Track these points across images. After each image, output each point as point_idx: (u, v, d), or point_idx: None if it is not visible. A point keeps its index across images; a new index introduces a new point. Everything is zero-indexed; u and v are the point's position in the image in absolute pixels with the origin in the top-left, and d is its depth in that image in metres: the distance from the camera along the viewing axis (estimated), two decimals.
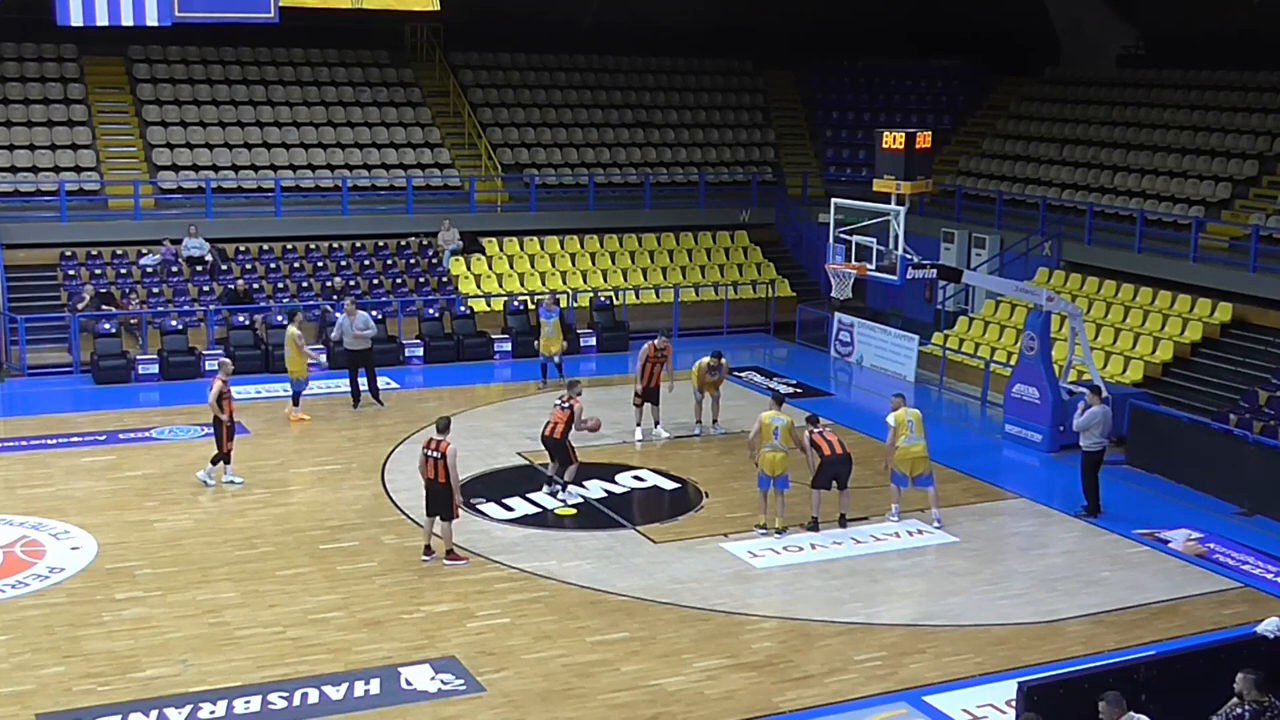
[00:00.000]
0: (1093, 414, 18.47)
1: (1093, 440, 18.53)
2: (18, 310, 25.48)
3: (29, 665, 13.28)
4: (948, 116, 35.18)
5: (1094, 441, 18.53)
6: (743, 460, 20.34)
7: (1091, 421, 18.45)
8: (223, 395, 18.64)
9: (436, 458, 15.74)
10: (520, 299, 28.53)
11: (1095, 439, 18.52)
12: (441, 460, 15.69)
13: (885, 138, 21.40)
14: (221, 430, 18.78)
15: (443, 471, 15.71)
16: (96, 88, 30.76)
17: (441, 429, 15.93)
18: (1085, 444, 18.64)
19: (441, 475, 15.74)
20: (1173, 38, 32.73)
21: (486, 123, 32.98)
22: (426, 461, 15.87)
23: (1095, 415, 18.46)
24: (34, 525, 17.09)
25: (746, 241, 32.71)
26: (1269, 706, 10.29)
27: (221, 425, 18.74)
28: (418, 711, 12.63)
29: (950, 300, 29.72)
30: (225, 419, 18.71)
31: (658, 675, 13.41)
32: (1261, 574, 16.58)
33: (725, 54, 36.96)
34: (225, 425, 18.75)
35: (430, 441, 15.92)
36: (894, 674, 13.62)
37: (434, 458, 15.77)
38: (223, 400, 18.63)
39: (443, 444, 15.75)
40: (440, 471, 15.73)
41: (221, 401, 18.62)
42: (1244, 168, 27.44)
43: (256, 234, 28.92)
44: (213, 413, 18.74)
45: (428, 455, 15.85)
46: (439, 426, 15.99)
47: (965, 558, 16.95)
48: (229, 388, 18.85)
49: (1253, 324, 24.13)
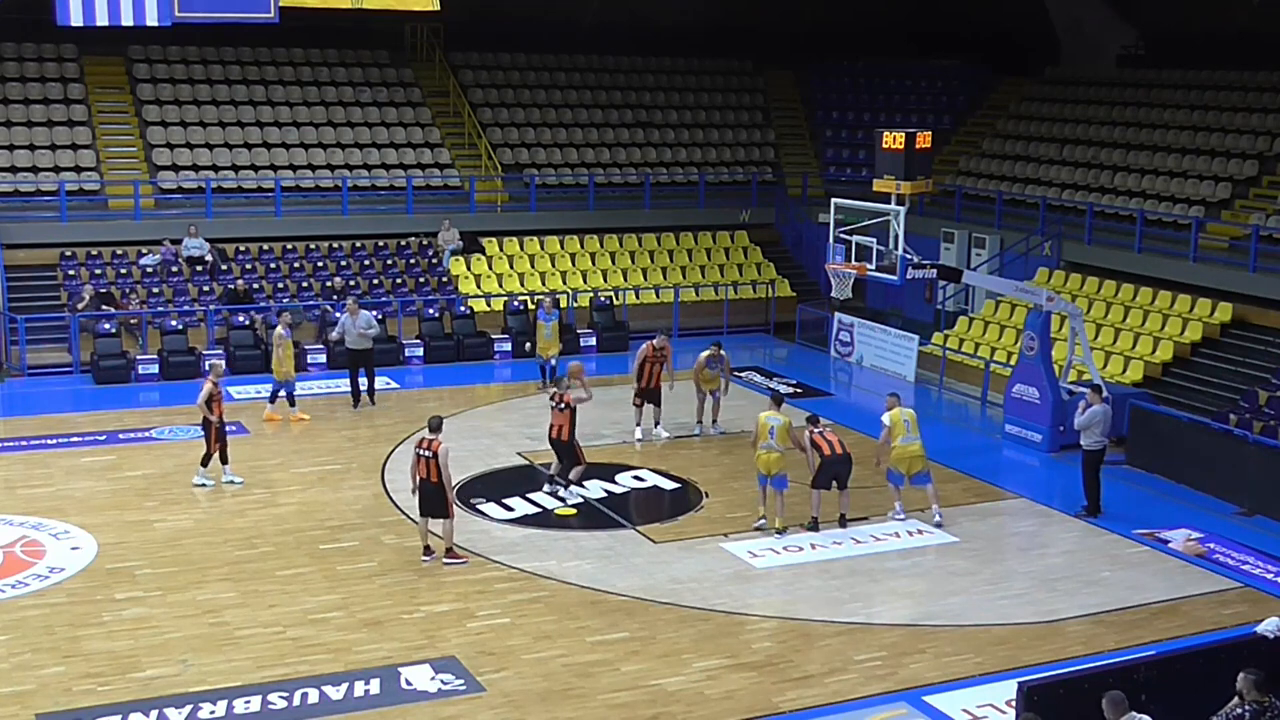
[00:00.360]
0: (1094, 413, 18.48)
1: (1094, 439, 18.54)
2: (18, 310, 25.48)
3: (29, 665, 13.28)
4: (948, 116, 35.17)
5: (1095, 440, 18.54)
6: (743, 460, 20.34)
7: (1092, 420, 18.46)
8: (213, 397, 18.58)
9: (429, 457, 15.74)
10: (520, 299, 28.54)
11: (1096, 438, 18.53)
12: (434, 459, 15.70)
13: (885, 138, 21.39)
14: (211, 432, 18.73)
15: (435, 471, 15.71)
16: (96, 88, 30.76)
17: (434, 428, 15.98)
18: (1086, 443, 18.64)
19: (434, 474, 15.74)
20: (1173, 38, 32.73)
21: (486, 123, 32.98)
22: (419, 461, 15.87)
23: (1096, 414, 18.47)
24: (34, 525, 17.10)
25: (746, 241, 32.71)
26: (1269, 707, 10.28)
27: (211, 427, 18.69)
28: (418, 711, 12.63)
29: (950, 300, 29.72)
30: (215, 421, 18.67)
31: (658, 675, 13.41)
32: (1261, 574, 16.58)
33: (725, 54, 36.96)
34: (215, 427, 18.70)
35: (422, 441, 15.93)
36: (894, 674, 13.62)
37: (426, 457, 15.76)
38: (212, 402, 18.57)
39: (435, 443, 15.76)
40: (433, 471, 15.73)
41: (211, 403, 18.56)
42: (1244, 168, 27.44)
43: (256, 234, 28.92)
44: (202, 414, 18.70)
45: (420, 455, 15.86)
46: (431, 426, 16.04)
47: (965, 558, 16.95)
48: (220, 390, 18.82)
49: (1253, 324, 24.13)
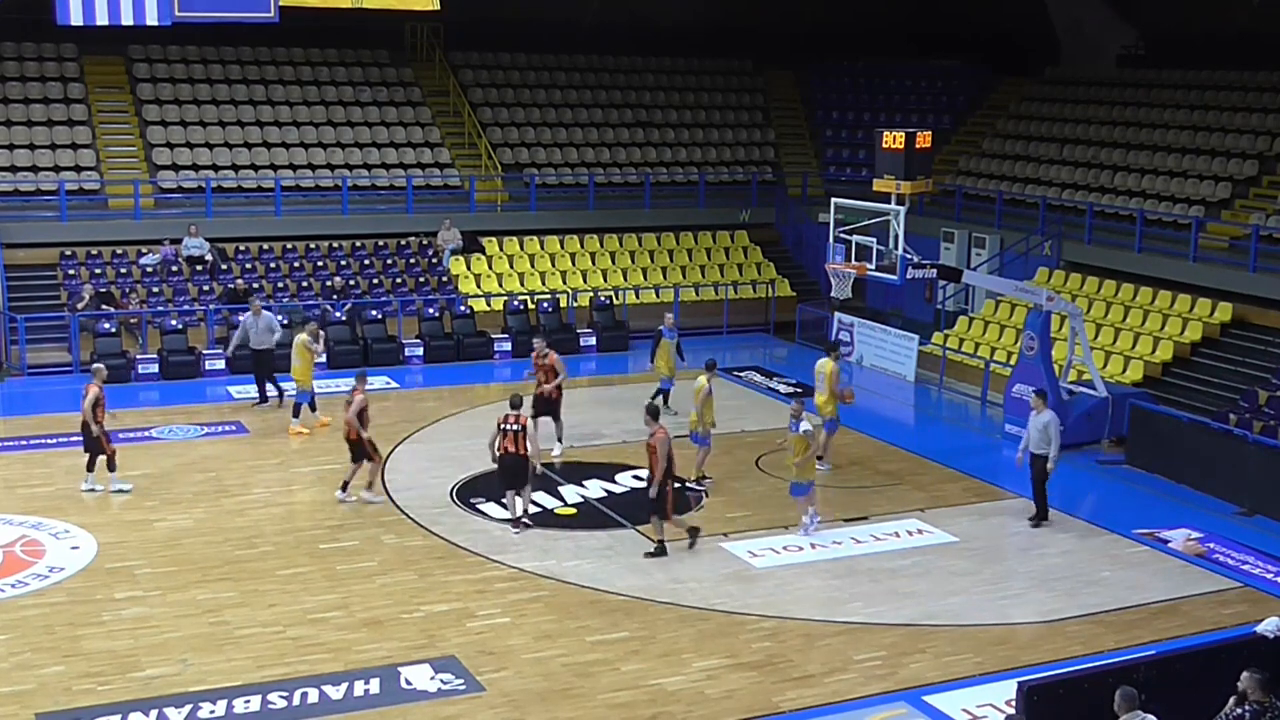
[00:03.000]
0: (1045, 420, 17.84)
1: (1045, 447, 17.86)
2: (18, 310, 25.48)
3: (29, 665, 13.28)
4: (948, 116, 35.18)
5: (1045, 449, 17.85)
6: (743, 460, 20.40)
7: (1048, 428, 17.76)
8: (98, 402, 18.09)
9: (517, 430, 16.98)
10: (520, 299, 28.53)
11: (1045, 446, 17.86)
12: (521, 433, 16.97)
13: (885, 138, 21.39)
14: (92, 438, 18.10)
15: (523, 444, 16.98)
16: (96, 88, 30.77)
17: (515, 405, 17.22)
18: (1038, 450, 17.94)
19: (522, 448, 17.00)
20: (1173, 38, 32.74)
21: (486, 123, 32.99)
22: (505, 435, 17.03)
23: (1049, 421, 17.83)
24: (34, 525, 17.10)
25: (746, 241, 32.72)
26: (1269, 707, 10.26)
27: (91, 433, 18.07)
28: (418, 711, 12.63)
29: (950, 300, 29.73)
30: (96, 428, 18.08)
31: (658, 675, 13.42)
32: (1261, 574, 16.58)
33: (725, 54, 36.97)
34: (98, 435, 18.11)
35: (508, 416, 17.09)
36: (894, 674, 13.62)
37: (514, 430, 16.99)
38: (97, 408, 18.07)
39: (521, 417, 17.06)
40: (520, 444, 16.98)
41: (96, 409, 18.05)
42: (1244, 168, 27.44)
43: (256, 234, 28.93)
44: (84, 419, 18.04)
45: (505, 430, 17.03)
46: (513, 403, 17.26)
47: (965, 558, 16.95)
48: (104, 394, 18.33)
49: (1253, 324, 24.14)
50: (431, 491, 18.80)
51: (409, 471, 19.72)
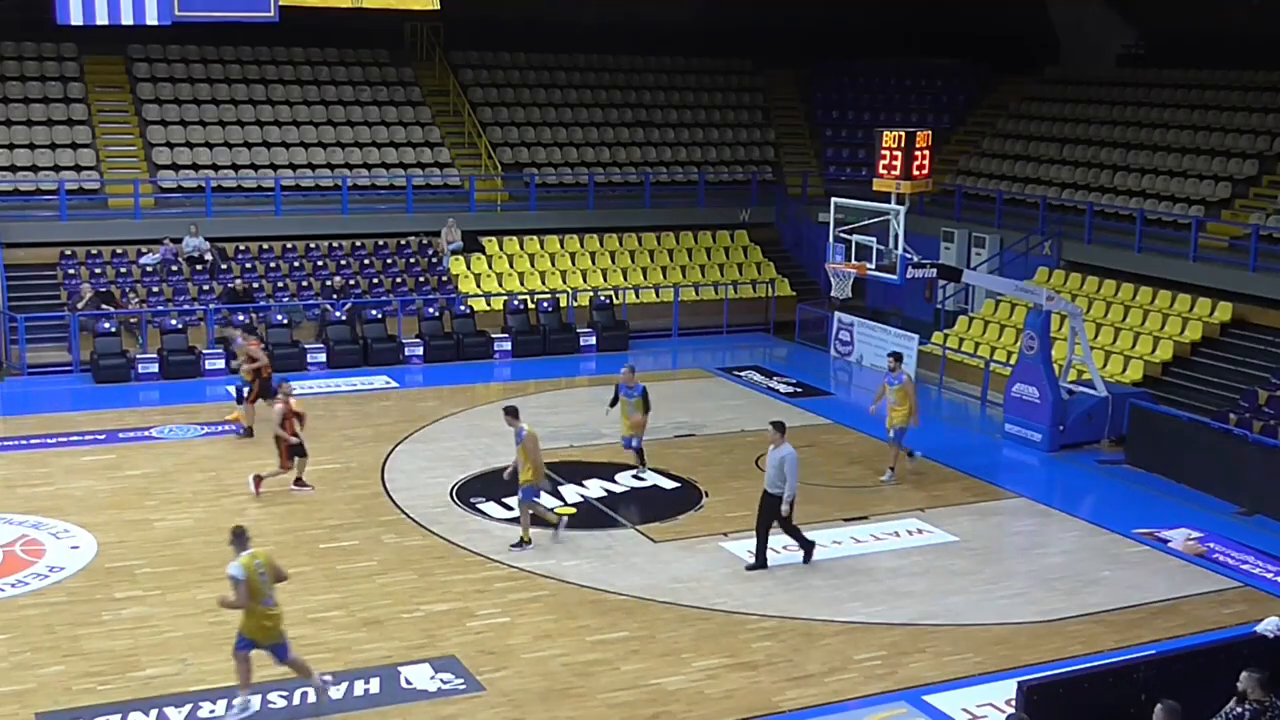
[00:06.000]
0: (781, 455, 15.87)
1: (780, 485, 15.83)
2: (18, 309, 25.48)
3: (29, 664, 13.28)
4: (948, 116, 35.17)
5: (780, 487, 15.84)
6: (743, 460, 20.39)
7: (778, 463, 15.82)
8: (287, 416, 18.33)
9: None
10: (520, 298, 28.53)
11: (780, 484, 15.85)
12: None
13: (885, 137, 21.41)
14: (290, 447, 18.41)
15: None
16: (96, 87, 30.76)
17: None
18: (773, 489, 15.90)
19: None
20: (1173, 38, 32.71)
21: (486, 122, 32.99)
22: None
23: (784, 456, 15.85)
24: (34, 524, 17.10)
25: (746, 241, 32.72)
26: (1269, 707, 10.27)
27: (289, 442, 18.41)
28: (417, 711, 12.63)
29: (950, 300, 29.73)
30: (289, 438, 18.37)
31: (657, 674, 13.42)
32: (1261, 574, 16.58)
33: (725, 54, 36.97)
34: (296, 443, 18.45)
35: None
36: (894, 673, 13.62)
37: None
38: (288, 421, 18.33)
39: None
40: None
41: (286, 422, 18.32)
42: (1244, 168, 27.44)
43: (256, 233, 28.93)
44: (274, 433, 18.38)
45: None
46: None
47: (965, 558, 16.96)
48: (292, 408, 18.52)
49: (1253, 324, 24.14)
50: (431, 491, 18.80)
51: (409, 471, 19.72)
